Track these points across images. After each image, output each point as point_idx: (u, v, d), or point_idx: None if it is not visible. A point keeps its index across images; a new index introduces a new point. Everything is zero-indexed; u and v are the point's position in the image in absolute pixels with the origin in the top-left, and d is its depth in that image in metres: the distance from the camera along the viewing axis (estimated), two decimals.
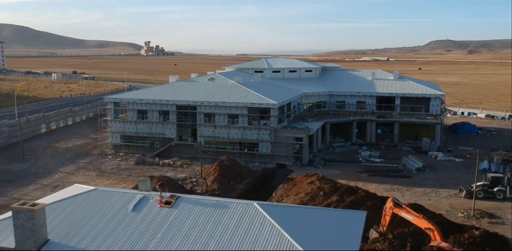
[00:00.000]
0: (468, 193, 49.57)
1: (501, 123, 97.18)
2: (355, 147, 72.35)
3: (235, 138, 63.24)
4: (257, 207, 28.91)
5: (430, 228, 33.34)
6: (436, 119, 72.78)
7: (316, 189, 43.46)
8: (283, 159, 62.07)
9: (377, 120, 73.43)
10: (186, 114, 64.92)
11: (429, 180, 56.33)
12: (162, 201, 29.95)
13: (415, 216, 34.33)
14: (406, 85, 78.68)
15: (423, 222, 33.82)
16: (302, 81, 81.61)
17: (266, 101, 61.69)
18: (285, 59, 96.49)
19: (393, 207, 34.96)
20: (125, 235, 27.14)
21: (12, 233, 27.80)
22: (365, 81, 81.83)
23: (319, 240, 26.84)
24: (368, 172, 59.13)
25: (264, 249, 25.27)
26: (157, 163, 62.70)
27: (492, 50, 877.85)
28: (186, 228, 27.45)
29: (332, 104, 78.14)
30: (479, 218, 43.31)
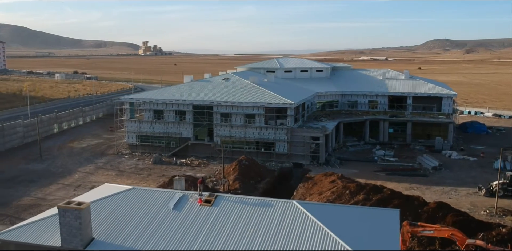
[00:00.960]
0: (488, 191, 50.17)
1: (509, 122, 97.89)
2: (369, 147, 72.89)
3: (252, 137, 63.66)
4: (298, 205, 29.35)
5: (452, 234, 33.65)
6: (448, 118, 73.41)
7: (341, 188, 43.92)
8: (299, 159, 62.52)
9: (390, 119, 73.98)
10: (203, 114, 65.29)
11: (446, 179, 56.88)
12: (202, 200, 30.38)
13: (434, 229, 34.47)
14: (418, 85, 79.26)
15: (444, 232, 34.02)
16: (314, 80, 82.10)
17: (283, 101, 62.13)
18: (296, 59, 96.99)
19: (410, 230, 34.57)
20: (169, 234, 27.51)
21: (55, 231, 28.25)
22: (376, 80, 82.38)
23: (361, 238, 27.24)
24: (385, 171, 59.65)
25: (310, 248, 25.66)
26: (174, 163, 63.06)
27: (490, 50, 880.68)
28: (229, 226, 27.84)
29: (344, 104, 78.64)
30: (502, 216, 43.87)
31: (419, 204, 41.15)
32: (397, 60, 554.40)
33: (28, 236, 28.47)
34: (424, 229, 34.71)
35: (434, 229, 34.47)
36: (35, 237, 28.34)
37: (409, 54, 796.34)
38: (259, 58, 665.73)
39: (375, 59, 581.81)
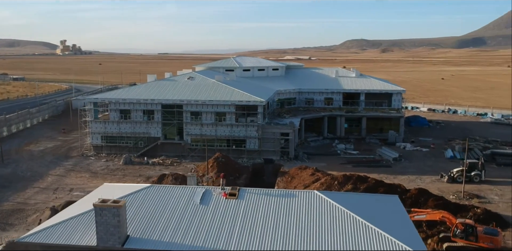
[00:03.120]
0: (450, 178, 55.22)
1: (443, 116, 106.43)
2: (327, 141, 76.62)
3: (223, 135, 64.81)
4: (320, 195, 31.36)
5: (443, 216, 37.43)
6: (399, 113, 78.93)
7: (330, 179, 46.56)
8: (270, 154, 64.60)
9: (346, 115, 78.19)
10: (172, 113, 65.41)
11: (408, 168, 61.57)
12: (226, 193, 31.51)
13: (426, 213, 38.14)
14: (369, 82, 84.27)
15: (435, 215, 37.75)
16: (271, 79, 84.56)
17: (253, 98, 63.90)
18: (252, 58, 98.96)
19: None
20: (204, 228, 28.39)
21: (86, 231, 28.45)
22: (329, 78, 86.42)
23: (382, 220, 29.79)
24: (351, 163, 63.35)
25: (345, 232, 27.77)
26: (146, 162, 62.74)
27: (403, 49, 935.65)
28: (261, 217, 29.25)
29: (302, 101, 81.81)
30: (469, 198, 48.70)
31: (402, 191, 44.78)
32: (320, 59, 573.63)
33: (57, 238, 28.31)
34: (417, 214, 38.19)
35: (426, 213, 38.02)
36: (65, 238, 28.23)
37: (330, 54, 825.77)
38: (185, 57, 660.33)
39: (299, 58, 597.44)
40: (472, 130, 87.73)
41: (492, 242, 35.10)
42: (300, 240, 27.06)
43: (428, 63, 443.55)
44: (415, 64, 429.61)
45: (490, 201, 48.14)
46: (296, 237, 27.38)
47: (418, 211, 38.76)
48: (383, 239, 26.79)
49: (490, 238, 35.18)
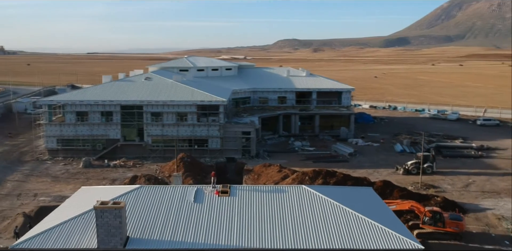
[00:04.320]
0: (405, 170, 58.94)
1: (385, 112, 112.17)
2: (283, 139, 78.79)
3: (185, 135, 64.99)
4: (308, 189, 32.98)
5: (412, 206, 40.39)
6: (349, 110, 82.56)
7: (301, 174, 48.38)
8: (232, 153, 65.60)
9: (300, 113, 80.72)
10: (132, 114, 64.67)
11: (364, 163, 64.87)
12: (218, 191, 32.35)
13: (396, 204, 41.02)
14: (319, 81, 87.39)
15: (404, 205, 40.69)
16: (224, 79, 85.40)
17: (215, 98, 64.60)
18: (205, 58, 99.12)
19: None
20: (203, 226, 29.16)
21: (83, 234, 28.32)
22: (281, 78, 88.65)
23: (367, 209, 31.87)
24: (311, 159, 65.72)
25: (338, 222, 29.51)
26: (107, 165, 61.63)
27: (334, 48, 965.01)
28: (257, 213, 30.44)
29: (256, 100, 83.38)
30: (426, 189, 52.37)
31: (368, 183, 47.48)
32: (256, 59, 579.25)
33: (54, 242, 27.92)
34: (388, 205, 40.81)
35: (396, 204, 40.75)
36: (63, 243, 27.92)
37: (264, 53, 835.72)
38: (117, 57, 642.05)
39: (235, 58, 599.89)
40: (414, 125, 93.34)
41: (457, 226, 38.34)
42: (298, 233, 28.44)
43: (359, 62, 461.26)
44: (347, 63, 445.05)
45: (444, 190, 52.07)
46: (294, 231, 28.73)
47: (388, 202, 41.38)
48: (376, 229, 28.76)
49: (456, 223, 38.40)
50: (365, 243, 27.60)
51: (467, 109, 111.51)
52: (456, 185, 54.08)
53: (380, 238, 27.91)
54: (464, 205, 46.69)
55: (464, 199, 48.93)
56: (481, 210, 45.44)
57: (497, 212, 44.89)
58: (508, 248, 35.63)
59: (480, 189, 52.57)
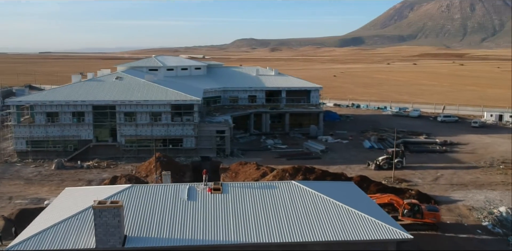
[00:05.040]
0: (376, 166, 61.00)
1: (349, 110, 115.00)
2: (254, 137, 79.64)
3: (159, 135, 64.71)
4: (298, 184, 33.99)
5: (391, 199, 42.17)
6: (318, 108, 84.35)
7: (281, 171, 49.30)
8: (207, 152, 65.88)
9: (271, 111, 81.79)
10: (104, 114, 63.80)
11: (336, 159, 66.60)
12: (211, 188, 32.85)
13: (376, 197, 42.73)
14: (288, 80, 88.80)
15: (384, 198, 42.45)
16: (194, 78, 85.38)
17: (189, 97, 64.68)
18: (174, 57, 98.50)
19: None
20: (200, 223, 29.70)
21: (79, 235, 28.37)
22: (251, 77, 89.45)
23: (355, 202, 33.18)
24: (285, 157, 66.86)
25: (330, 214, 30.61)
26: (80, 166, 60.61)
27: (291, 48, 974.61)
28: (251, 209, 31.22)
29: (226, 99, 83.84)
30: (398, 183, 54.46)
31: (346, 178, 49.00)
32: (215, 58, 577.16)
33: (50, 244, 27.57)
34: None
35: (376, 197, 42.37)
36: (60, 243, 27.64)
37: (222, 52, 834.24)
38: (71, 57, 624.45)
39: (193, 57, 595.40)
40: (378, 122, 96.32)
41: (435, 217, 40.32)
42: (293, 227, 29.38)
43: (317, 61, 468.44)
44: (306, 62, 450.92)
45: (416, 184, 54.34)
46: (289, 224, 29.66)
47: (372, 196, 42.99)
48: (367, 221, 30.05)
49: (433, 214, 40.38)
50: (358, 234, 28.82)
51: (426, 106, 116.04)
52: (426, 179, 56.50)
53: (371, 229, 29.20)
54: (436, 197, 48.93)
55: (435, 191, 51.25)
56: (452, 202, 47.79)
57: (467, 203, 47.36)
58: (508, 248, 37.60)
59: (448, 182, 55.18)
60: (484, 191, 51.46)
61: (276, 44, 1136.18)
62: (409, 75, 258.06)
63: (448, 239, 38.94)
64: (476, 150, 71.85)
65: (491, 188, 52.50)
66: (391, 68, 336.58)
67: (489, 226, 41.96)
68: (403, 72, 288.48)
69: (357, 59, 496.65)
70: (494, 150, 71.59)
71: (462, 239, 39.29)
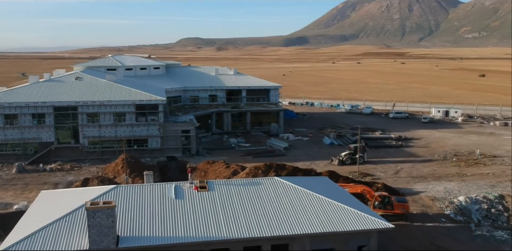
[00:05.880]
0: (340, 161, 63.23)
1: (304, 108, 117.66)
2: (216, 136, 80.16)
3: (123, 135, 63.91)
4: (281, 180, 35.12)
5: (364, 190, 44.26)
6: (277, 106, 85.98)
7: (254, 168, 50.24)
8: (172, 152, 65.78)
9: (232, 111, 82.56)
10: (66, 115, 62.27)
11: (300, 156, 68.33)
12: (197, 186, 33.36)
13: (349, 187, 44.72)
14: (247, 79, 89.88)
15: (357, 188, 44.52)
16: (153, 78, 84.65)
17: (154, 97, 64.31)
18: (132, 57, 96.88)
19: None
20: (191, 220, 30.35)
21: (71, 236, 28.21)
22: (210, 76, 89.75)
23: (334, 195, 34.73)
24: (250, 155, 67.88)
25: (315, 206, 31.93)
26: (43, 169, 58.90)
27: (237, 47, 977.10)
28: (239, 204, 32.11)
29: (187, 99, 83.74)
30: (363, 177, 56.80)
31: (316, 174, 50.68)
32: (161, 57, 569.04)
33: (41, 246, 27.21)
34: (342, 186, 44.31)
35: (349, 187, 44.34)
36: (52, 246, 27.29)
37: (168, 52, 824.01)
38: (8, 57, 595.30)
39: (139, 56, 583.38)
40: (334, 119, 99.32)
41: (404, 208, 42.65)
42: (281, 220, 30.45)
43: (265, 60, 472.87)
44: (253, 61, 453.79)
45: (379, 177, 56.89)
46: (278, 218, 30.72)
47: (342, 185, 44.92)
48: (350, 212, 31.61)
49: (402, 205, 42.69)
50: (343, 225, 30.29)
51: (377, 104, 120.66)
52: (387, 173, 59.25)
53: (355, 220, 30.78)
54: (400, 189, 51.51)
55: (398, 184, 53.93)
56: (415, 193, 50.51)
57: (429, 194, 50.23)
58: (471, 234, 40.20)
59: (408, 175, 58.17)
60: (442, 182, 54.69)
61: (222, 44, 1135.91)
62: (355, 73, 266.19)
63: (417, 228, 41.39)
64: (429, 144, 75.85)
65: (448, 180, 55.86)
66: (337, 67, 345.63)
67: (451, 214, 44.90)
68: (349, 70, 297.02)
69: (303, 58, 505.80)
70: (445, 144, 75.87)
71: (429, 227, 41.86)
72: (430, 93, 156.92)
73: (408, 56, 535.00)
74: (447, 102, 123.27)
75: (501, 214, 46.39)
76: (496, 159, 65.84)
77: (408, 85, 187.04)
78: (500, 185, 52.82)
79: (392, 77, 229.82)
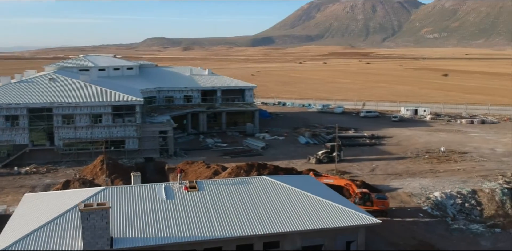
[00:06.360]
0: (317, 160, 64.32)
1: (277, 108, 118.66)
2: (192, 137, 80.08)
3: (100, 137, 63.11)
4: (269, 179, 35.73)
5: (347, 184, 45.43)
6: (252, 106, 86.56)
7: (236, 168, 50.59)
8: (150, 153, 65.41)
9: (208, 111, 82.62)
10: (41, 117, 61.04)
11: (278, 155, 69.09)
12: (187, 187, 33.59)
13: (333, 179, 45.85)
14: (222, 79, 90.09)
15: (342, 181, 45.67)
16: (127, 78, 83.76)
17: (131, 98, 63.78)
18: (104, 57, 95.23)
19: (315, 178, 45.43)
20: (183, 220, 30.67)
21: (62, 240, 27.81)
22: (185, 76, 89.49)
23: (320, 192, 35.62)
24: (229, 155, 68.20)
25: (304, 204, 32.68)
26: (17, 173, 57.59)
27: (204, 47, 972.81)
28: (229, 203, 32.53)
29: (162, 99, 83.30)
30: (341, 175, 58.02)
31: (297, 172, 51.53)
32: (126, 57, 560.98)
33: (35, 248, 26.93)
34: (327, 178, 45.44)
35: (334, 179, 45.44)
36: (44, 248, 27.08)
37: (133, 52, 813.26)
38: None
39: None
40: (307, 119, 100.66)
41: (383, 204, 43.96)
42: (272, 218, 31.04)
43: (232, 60, 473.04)
44: (221, 61, 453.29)
45: (356, 175, 58.21)
46: (269, 216, 31.31)
47: (327, 176, 46.10)
48: (338, 209, 32.49)
49: (381, 202, 43.99)
50: (333, 221, 31.13)
51: (347, 103, 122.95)
52: (364, 170, 60.70)
53: (344, 216, 31.68)
54: (378, 186, 52.96)
55: (376, 181, 55.37)
56: (393, 190, 52.03)
57: (406, 190, 51.84)
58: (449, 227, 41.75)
59: (384, 172, 59.77)
60: (417, 179, 56.48)
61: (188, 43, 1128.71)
62: (323, 73, 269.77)
63: (398, 223, 42.75)
64: (400, 142, 77.98)
65: (422, 176, 57.72)
66: (304, 67, 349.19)
67: (429, 209, 46.56)
68: (316, 70, 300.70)
69: (271, 59, 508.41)
70: (416, 142, 78.19)
71: (409, 222, 43.31)
72: (397, 92, 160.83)
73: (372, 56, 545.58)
74: (413, 101, 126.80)
75: (474, 208, 48.40)
76: (465, 155, 68.36)
77: (375, 85, 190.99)
78: (472, 181, 54.96)
79: (358, 77, 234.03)
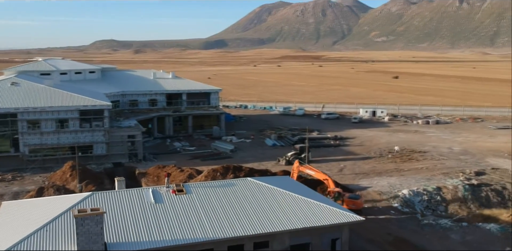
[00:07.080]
0: (287, 161, 65.58)
1: (239, 111, 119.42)
2: (159, 141, 79.56)
3: (67, 142, 61.78)
4: (254, 181, 36.55)
5: (326, 179, 46.88)
6: (218, 110, 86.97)
7: (212, 171, 50.97)
8: (118, 158, 64.60)
9: (174, 114, 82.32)
10: (4, 123, 59.07)
11: (247, 157, 69.87)
12: (174, 190, 33.86)
13: (315, 171, 47.28)
14: (187, 83, 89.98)
15: (321, 175, 47.12)
16: (89, 82, 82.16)
17: (99, 102, 62.79)
18: (65, 61, 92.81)
19: (299, 166, 47.09)
20: (175, 223, 31.03)
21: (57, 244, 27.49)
22: (149, 80, 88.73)
23: (301, 191, 36.75)
24: (198, 158, 68.32)
25: (289, 202, 33.69)
26: None
27: (155, 50, 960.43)
28: (218, 205, 33.10)
29: (125, 103, 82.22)
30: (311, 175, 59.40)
31: (272, 174, 52.49)
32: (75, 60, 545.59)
33: None
34: (310, 169, 46.89)
35: (315, 172, 46.88)
36: None
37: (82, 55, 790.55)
38: None
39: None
40: (270, 121, 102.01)
41: (354, 204, 45.57)
42: (261, 218, 31.82)
43: (186, 63, 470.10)
44: (175, 64, 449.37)
45: None
46: (258, 216, 32.06)
47: (309, 168, 47.50)
48: (322, 208, 33.67)
49: (352, 201, 45.62)
50: (319, 220, 32.26)
51: (307, 105, 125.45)
52: (333, 170, 62.44)
53: (329, 215, 32.88)
54: (348, 186, 54.76)
55: (345, 181, 57.20)
56: (363, 189, 53.94)
57: (375, 189, 53.90)
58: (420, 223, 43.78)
59: (352, 172, 61.78)
60: (384, 177, 58.77)
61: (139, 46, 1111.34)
62: (278, 76, 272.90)
63: (372, 221, 44.43)
64: (363, 143, 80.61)
65: (388, 175, 60.10)
66: (259, 70, 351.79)
67: (399, 207, 48.71)
68: (271, 73, 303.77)
69: (225, 62, 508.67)
70: (378, 142, 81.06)
71: (382, 219, 45.19)
72: (352, 94, 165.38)
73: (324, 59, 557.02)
74: (369, 103, 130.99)
75: (440, 204, 50.99)
76: (426, 154, 71.59)
77: (330, 87, 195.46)
78: (435, 178, 57.75)
79: (313, 80, 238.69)
